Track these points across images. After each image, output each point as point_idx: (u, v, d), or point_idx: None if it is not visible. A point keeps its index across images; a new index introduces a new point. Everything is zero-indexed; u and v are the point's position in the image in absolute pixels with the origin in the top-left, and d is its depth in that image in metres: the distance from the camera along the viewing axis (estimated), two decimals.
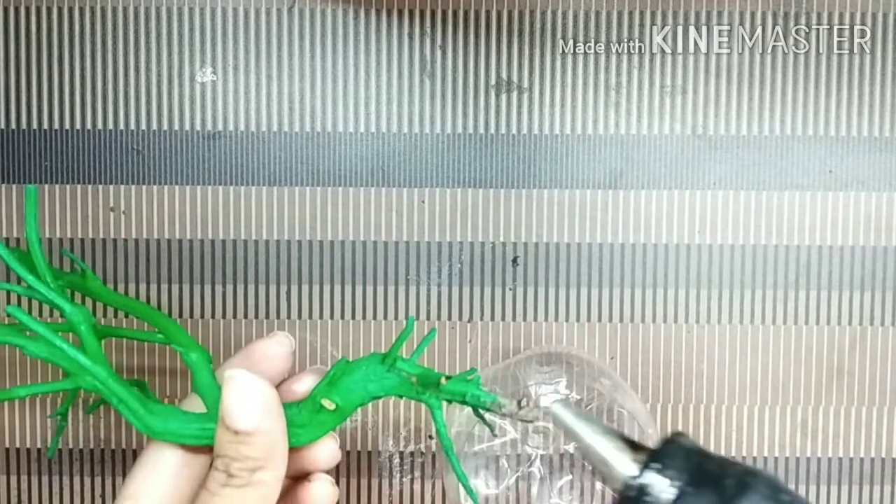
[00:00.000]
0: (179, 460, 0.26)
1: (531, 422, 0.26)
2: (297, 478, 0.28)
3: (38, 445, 0.36)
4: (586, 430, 0.24)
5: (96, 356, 0.26)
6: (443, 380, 0.26)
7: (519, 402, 0.26)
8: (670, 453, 0.23)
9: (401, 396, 0.27)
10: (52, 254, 0.36)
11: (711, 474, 0.22)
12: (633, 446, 0.24)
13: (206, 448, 0.26)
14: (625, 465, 0.23)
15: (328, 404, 0.26)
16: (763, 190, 0.36)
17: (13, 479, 0.36)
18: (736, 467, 0.23)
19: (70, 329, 0.26)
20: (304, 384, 0.28)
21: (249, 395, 0.24)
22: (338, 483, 0.36)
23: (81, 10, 0.35)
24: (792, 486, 0.36)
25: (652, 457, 0.23)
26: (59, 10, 0.35)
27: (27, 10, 0.35)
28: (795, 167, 0.36)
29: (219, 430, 0.25)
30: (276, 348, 0.29)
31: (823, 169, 0.36)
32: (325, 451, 0.27)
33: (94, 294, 0.30)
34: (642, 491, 0.23)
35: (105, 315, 0.36)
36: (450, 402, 0.27)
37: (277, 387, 0.28)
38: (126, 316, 0.36)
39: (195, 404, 0.27)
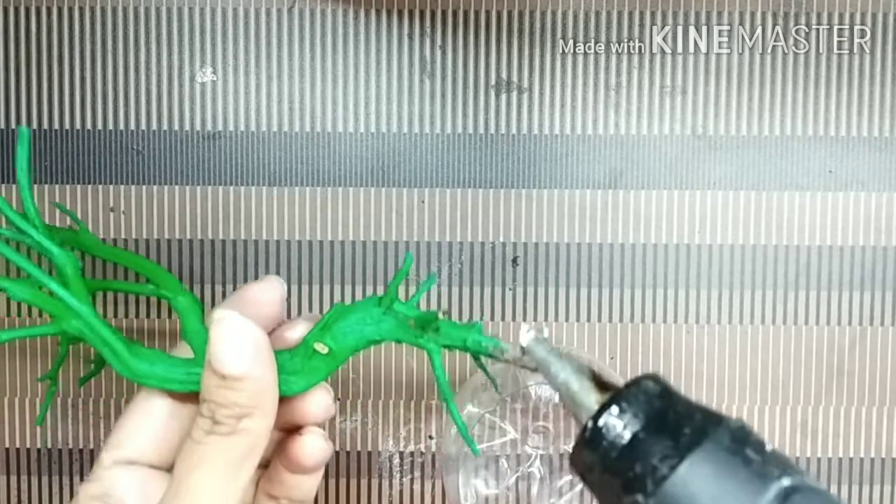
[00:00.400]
0: (167, 410, 0.25)
1: (534, 370, 0.24)
2: (288, 431, 0.26)
3: (38, 446, 0.36)
4: (560, 368, 0.23)
5: (82, 300, 0.25)
6: (440, 314, 0.25)
7: (522, 349, 0.24)
8: (630, 396, 0.22)
9: (398, 341, 0.26)
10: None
11: (670, 421, 0.21)
12: (603, 387, 0.23)
13: (194, 398, 0.25)
14: (589, 406, 0.22)
15: (321, 348, 0.25)
16: (763, 190, 0.36)
17: (13, 478, 0.36)
18: (701, 414, 0.21)
19: (58, 275, 0.25)
20: (296, 331, 0.27)
21: (239, 338, 0.23)
22: (338, 483, 0.36)
23: (81, 10, 0.35)
24: None
25: (612, 399, 0.22)
26: (59, 10, 0.35)
27: (27, 10, 0.35)
28: (795, 167, 0.36)
29: (205, 373, 0.23)
30: (267, 293, 0.27)
31: (823, 169, 0.36)
32: (318, 403, 0.26)
33: (88, 248, 0.30)
34: (597, 433, 0.21)
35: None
36: (449, 347, 0.26)
37: (269, 335, 0.27)
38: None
39: (184, 353, 0.26)
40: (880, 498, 0.36)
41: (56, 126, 0.35)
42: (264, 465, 0.28)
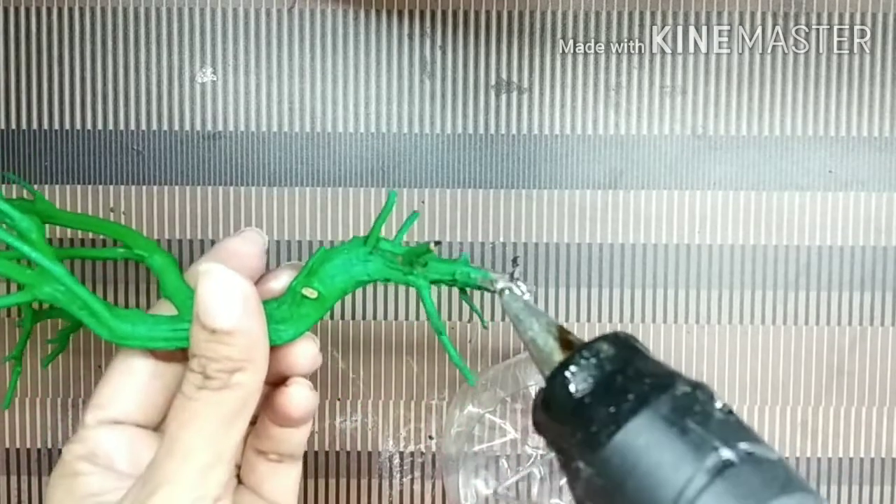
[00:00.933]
0: (150, 369, 0.25)
1: (526, 294, 0.24)
2: (275, 384, 0.26)
3: (38, 446, 0.36)
4: (528, 325, 0.23)
5: (55, 265, 0.23)
6: (432, 246, 0.25)
7: (512, 275, 0.24)
8: (582, 359, 0.21)
9: (387, 281, 0.26)
10: None
11: (618, 385, 0.20)
12: (568, 346, 0.22)
13: (177, 356, 0.24)
14: (551, 365, 0.22)
15: (310, 293, 0.24)
16: (763, 190, 0.36)
17: (13, 479, 0.36)
18: (651, 379, 0.20)
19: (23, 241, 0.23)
20: (280, 280, 0.26)
21: (227, 291, 0.22)
22: (338, 483, 0.36)
23: (81, 10, 0.35)
24: None
25: (565, 361, 0.21)
26: (59, 10, 0.35)
27: (27, 10, 0.35)
28: (795, 167, 0.36)
29: (194, 329, 0.22)
30: (247, 246, 0.27)
31: (823, 169, 0.36)
32: (305, 353, 0.26)
33: (46, 217, 0.28)
34: (548, 394, 0.21)
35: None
36: (438, 283, 0.25)
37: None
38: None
39: (163, 311, 0.25)
40: (880, 498, 0.36)
41: (56, 126, 0.35)
42: (252, 422, 0.27)
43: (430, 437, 0.36)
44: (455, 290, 0.36)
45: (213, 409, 0.22)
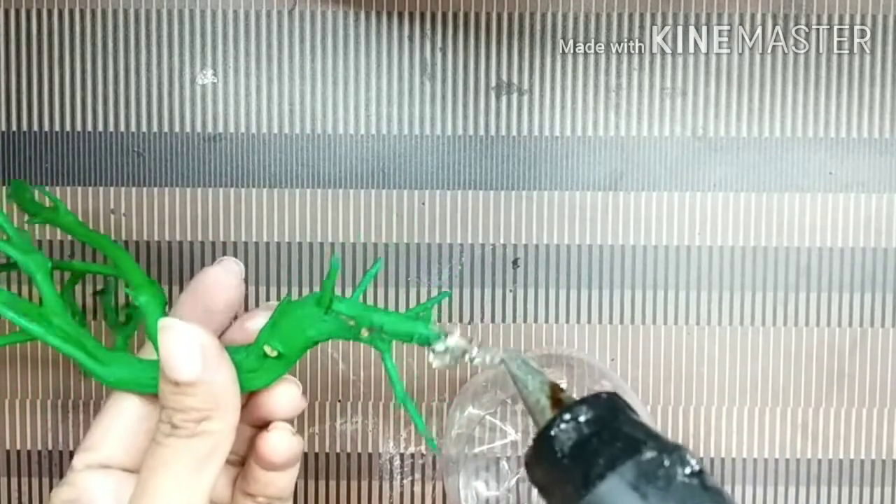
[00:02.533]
0: (139, 412, 0.25)
1: (475, 351, 0.25)
2: (259, 427, 0.26)
3: (39, 448, 0.36)
4: (526, 381, 0.24)
5: (54, 305, 0.25)
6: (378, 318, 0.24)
7: (471, 340, 0.25)
8: (563, 421, 0.22)
9: (347, 339, 0.25)
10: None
11: (591, 448, 0.21)
12: (557, 403, 0.23)
13: None
14: (540, 423, 0.23)
15: (270, 351, 0.25)
16: (763, 192, 0.36)
17: (13, 480, 0.36)
18: (623, 442, 0.21)
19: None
20: (256, 321, 0.26)
21: (187, 344, 0.23)
22: (338, 485, 0.36)
23: (82, 12, 0.35)
24: (792, 489, 0.36)
25: (551, 421, 0.22)
26: (60, 12, 0.35)
27: (28, 12, 0.35)
28: (795, 169, 0.36)
29: (161, 381, 0.23)
30: (227, 275, 0.27)
31: (824, 171, 0.36)
32: (284, 397, 0.26)
33: (66, 228, 0.30)
34: (535, 451, 0.22)
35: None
36: (401, 340, 0.25)
37: (230, 325, 0.27)
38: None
39: (150, 353, 0.26)
40: (881, 500, 0.36)
41: (57, 128, 0.35)
42: (241, 463, 0.27)
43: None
44: (457, 289, 0.36)
45: (183, 454, 0.23)
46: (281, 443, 0.25)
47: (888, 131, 0.35)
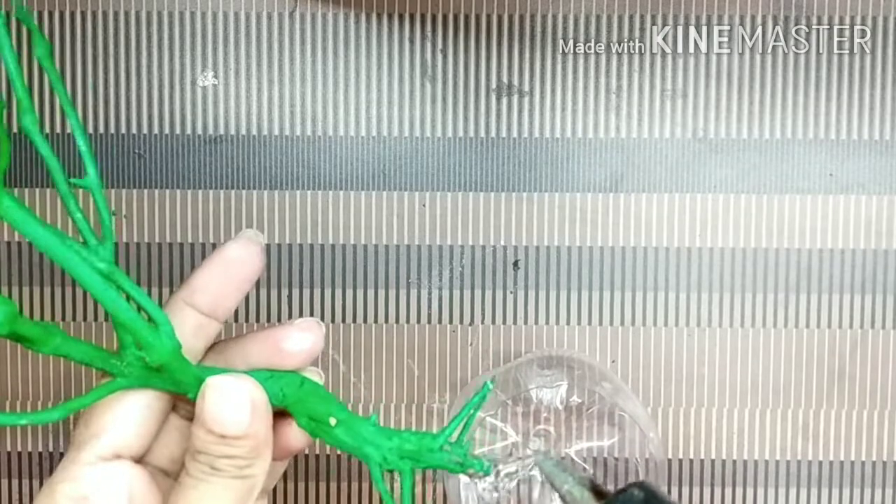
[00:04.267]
0: (146, 394, 0.23)
1: (513, 475, 0.28)
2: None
3: (40, 449, 0.36)
4: (564, 478, 0.27)
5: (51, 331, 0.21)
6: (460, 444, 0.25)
7: (495, 464, 0.27)
8: None
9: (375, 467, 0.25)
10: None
11: None
12: (601, 496, 0.26)
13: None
14: None
15: (333, 422, 0.25)
16: (764, 193, 0.36)
17: (14, 482, 0.36)
18: None
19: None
20: (292, 344, 0.25)
21: (236, 401, 0.22)
22: (338, 487, 0.36)
23: (83, 14, 0.35)
24: (793, 490, 0.36)
25: None
26: (61, 14, 0.35)
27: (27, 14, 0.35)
28: (796, 170, 0.36)
29: (199, 431, 0.22)
30: (248, 250, 0.24)
31: (824, 172, 0.36)
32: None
33: None
34: None
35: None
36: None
37: (256, 335, 0.25)
38: None
39: None
40: (882, 502, 0.36)
41: (58, 130, 0.35)
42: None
43: None
44: (457, 290, 0.36)
45: (224, 492, 0.22)
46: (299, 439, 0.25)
47: (888, 133, 0.35)
